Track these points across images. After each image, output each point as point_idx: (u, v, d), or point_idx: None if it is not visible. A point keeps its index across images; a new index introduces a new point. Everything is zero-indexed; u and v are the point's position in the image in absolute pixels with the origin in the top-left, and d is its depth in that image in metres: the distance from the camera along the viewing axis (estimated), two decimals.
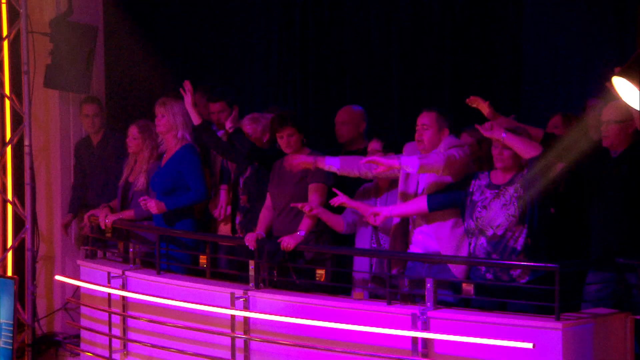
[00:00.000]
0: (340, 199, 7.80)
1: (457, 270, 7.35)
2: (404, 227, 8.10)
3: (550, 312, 6.21)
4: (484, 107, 7.66)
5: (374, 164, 7.50)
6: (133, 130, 9.80)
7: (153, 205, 9.05)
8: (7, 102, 10.32)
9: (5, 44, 10.34)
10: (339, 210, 8.36)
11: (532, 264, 6.91)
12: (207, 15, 14.33)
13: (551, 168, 6.98)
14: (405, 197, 7.76)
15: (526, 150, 7.01)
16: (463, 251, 7.39)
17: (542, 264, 6.76)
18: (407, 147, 7.90)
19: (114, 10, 11.09)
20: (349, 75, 11.78)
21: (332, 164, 7.80)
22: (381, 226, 7.94)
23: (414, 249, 7.70)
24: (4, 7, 10.38)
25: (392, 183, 8.01)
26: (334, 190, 7.99)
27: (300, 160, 7.84)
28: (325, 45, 13.19)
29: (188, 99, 9.20)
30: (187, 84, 9.29)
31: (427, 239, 7.61)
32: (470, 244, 7.33)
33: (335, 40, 13.09)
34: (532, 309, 6.50)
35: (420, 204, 7.43)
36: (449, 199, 7.39)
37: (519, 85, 10.07)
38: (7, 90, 10.23)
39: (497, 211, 7.05)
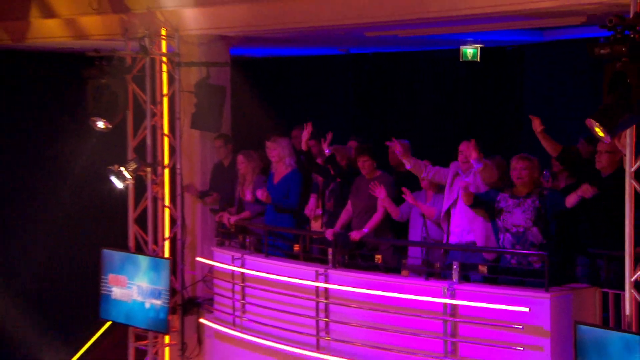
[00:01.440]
0: (407, 196, 7.58)
1: (488, 255, 7.21)
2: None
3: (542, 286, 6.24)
4: (536, 124, 7.07)
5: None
6: (240, 158, 9.70)
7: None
8: (166, 139, 10.31)
9: (165, 99, 10.33)
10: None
11: (525, 251, 6.79)
12: (303, 76, 14.47)
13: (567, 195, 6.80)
14: (450, 198, 7.50)
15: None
16: (491, 241, 7.24)
17: (535, 252, 6.68)
18: (452, 165, 7.64)
19: (237, 76, 11.03)
20: (402, 120, 11.45)
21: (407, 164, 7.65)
22: (434, 219, 7.68)
23: (452, 239, 7.45)
24: (164, 75, 10.31)
25: (438, 190, 7.78)
26: (403, 189, 7.68)
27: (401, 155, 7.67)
28: (384, 97, 13.32)
29: (305, 135, 8.84)
30: (309, 125, 8.94)
31: (462, 232, 7.37)
32: (498, 239, 7.10)
33: (391, 94, 13.24)
34: (541, 284, 6.33)
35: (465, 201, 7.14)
36: (483, 202, 7.13)
37: (521, 126, 9.74)
38: (165, 130, 10.28)
39: (518, 215, 6.85)
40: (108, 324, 11.41)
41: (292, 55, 14.57)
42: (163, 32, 10.05)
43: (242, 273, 8.95)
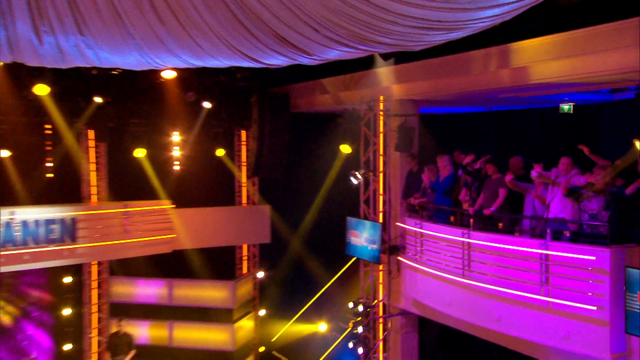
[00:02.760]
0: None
1: (572, 226, 7.26)
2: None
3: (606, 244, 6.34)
4: (586, 150, 7.27)
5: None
6: (426, 168, 9.54)
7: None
8: (381, 157, 10.48)
9: (381, 135, 10.47)
10: None
11: (595, 222, 6.83)
12: (462, 123, 13.85)
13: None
14: (552, 190, 7.51)
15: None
16: (575, 218, 7.22)
17: (601, 223, 6.72)
18: (553, 171, 7.62)
19: (422, 123, 10.59)
20: (519, 144, 11.35)
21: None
22: (542, 196, 7.66)
23: (550, 215, 7.44)
24: (381, 121, 10.52)
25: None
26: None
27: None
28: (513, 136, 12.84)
29: (468, 159, 8.90)
30: (471, 155, 8.97)
31: (557, 211, 7.36)
32: (580, 216, 7.08)
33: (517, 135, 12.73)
34: (605, 243, 6.41)
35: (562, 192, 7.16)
36: (572, 193, 7.10)
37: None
38: (381, 152, 10.44)
39: (594, 204, 6.86)
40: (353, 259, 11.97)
41: (455, 112, 13.89)
42: (381, 98, 10.26)
43: (421, 232, 9.08)
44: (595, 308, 6.35)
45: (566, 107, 9.69)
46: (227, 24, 5.57)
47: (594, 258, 6.40)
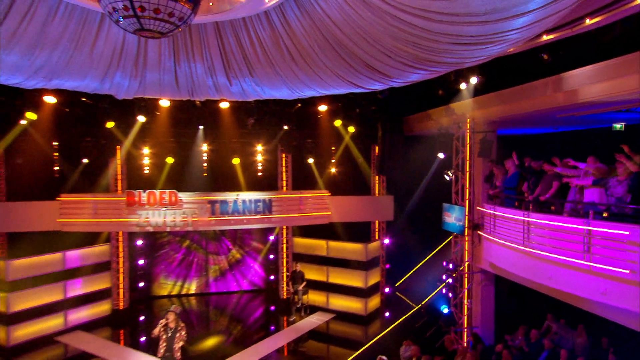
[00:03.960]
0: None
1: (601, 208, 6.66)
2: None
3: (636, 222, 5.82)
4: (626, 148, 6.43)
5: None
6: (496, 167, 9.16)
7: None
8: (467, 162, 9.99)
9: (468, 146, 10.01)
10: None
11: (624, 205, 6.25)
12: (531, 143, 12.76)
13: None
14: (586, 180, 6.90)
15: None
16: (603, 201, 6.68)
17: (625, 205, 6.25)
18: (582, 165, 7.16)
19: (499, 140, 10.19)
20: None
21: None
22: (580, 185, 7.06)
23: (586, 199, 6.88)
24: (468, 135, 9.95)
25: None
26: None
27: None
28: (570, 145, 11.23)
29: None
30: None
31: (592, 197, 6.78)
32: (607, 200, 6.58)
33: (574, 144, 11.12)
34: (636, 221, 5.86)
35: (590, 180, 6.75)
36: (599, 182, 6.66)
37: None
38: (467, 157, 10.00)
39: (619, 189, 6.39)
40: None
41: (530, 133, 12.63)
42: (467, 120, 9.96)
43: (495, 214, 8.77)
44: (628, 272, 5.83)
45: (618, 125, 8.55)
46: (336, 61, 5.53)
47: (627, 232, 5.87)
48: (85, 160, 11.27)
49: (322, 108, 11.48)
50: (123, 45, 5.54)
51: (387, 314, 12.62)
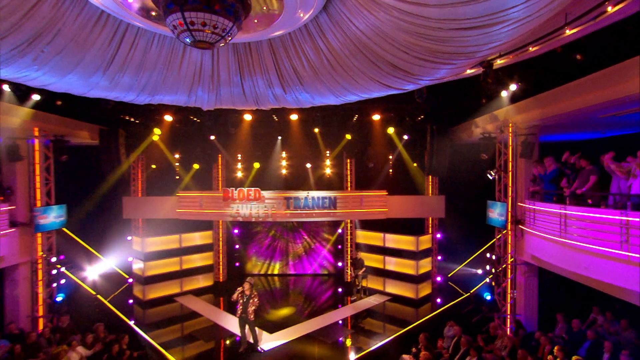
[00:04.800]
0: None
1: None
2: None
3: None
4: None
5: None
6: (537, 165, 8.50)
7: None
8: (510, 163, 9.34)
9: (510, 148, 9.34)
10: None
11: None
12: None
13: None
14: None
15: None
16: None
17: None
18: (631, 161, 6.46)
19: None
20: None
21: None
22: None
23: (633, 191, 6.29)
24: (510, 138, 9.22)
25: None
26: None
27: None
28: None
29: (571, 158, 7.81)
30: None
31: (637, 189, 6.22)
32: None
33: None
34: None
35: None
36: None
37: None
38: (510, 158, 9.42)
39: None
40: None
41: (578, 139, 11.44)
42: (510, 124, 9.32)
43: (535, 209, 8.30)
44: None
45: None
46: (366, 64, 5.39)
47: None
48: (195, 166, 12.89)
49: (376, 117, 11.58)
50: (201, 67, 5.88)
51: (438, 300, 12.28)
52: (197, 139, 12.23)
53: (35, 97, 8.03)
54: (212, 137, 12.25)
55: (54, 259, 9.27)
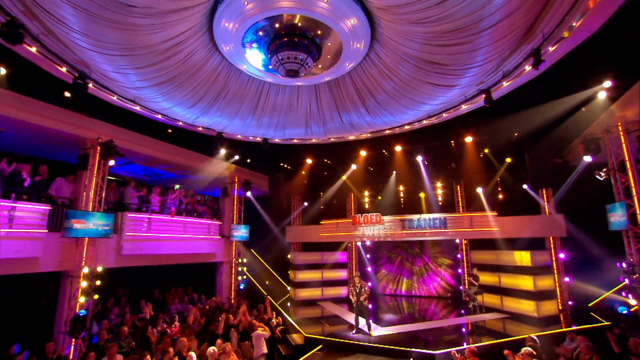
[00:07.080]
0: None
1: None
2: None
3: None
4: None
5: None
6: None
7: None
8: (627, 163, 7.83)
9: (624, 147, 7.91)
10: None
11: None
12: None
13: None
14: None
15: None
16: None
17: None
18: None
19: None
20: None
21: None
22: None
23: None
24: (622, 135, 7.87)
25: None
26: None
27: None
28: None
29: None
30: None
31: None
32: None
33: None
34: None
35: None
36: None
37: None
38: (626, 157, 7.88)
39: None
40: None
41: None
42: (619, 123, 7.84)
43: None
44: None
45: None
46: (416, 70, 5.40)
47: None
48: (334, 202, 14.34)
49: (467, 139, 10.72)
50: (310, 108, 6.73)
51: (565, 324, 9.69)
52: (331, 177, 13.51)
53: (235, 157, 10.93)
54: (344, 178, 13.08)
55: (239, 261, 11.40)
